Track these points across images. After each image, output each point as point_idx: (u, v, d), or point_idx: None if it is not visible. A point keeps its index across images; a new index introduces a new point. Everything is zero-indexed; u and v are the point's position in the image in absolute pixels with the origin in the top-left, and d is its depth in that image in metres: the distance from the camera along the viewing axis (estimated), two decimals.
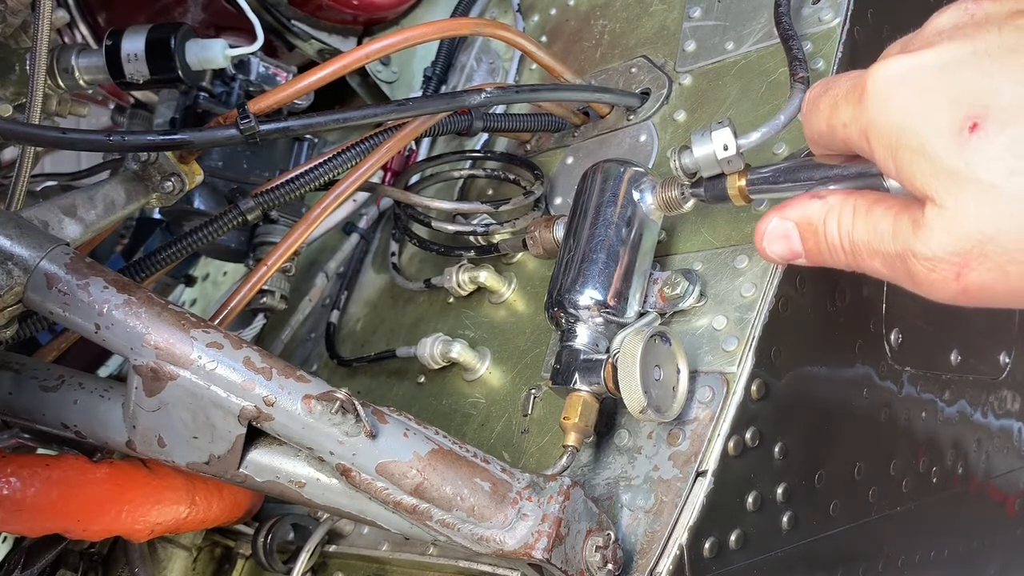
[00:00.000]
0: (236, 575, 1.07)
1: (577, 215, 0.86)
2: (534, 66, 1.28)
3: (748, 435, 0.78)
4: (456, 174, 1.20)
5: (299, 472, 0.75)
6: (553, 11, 1.31)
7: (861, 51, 0.91)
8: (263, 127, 0.88)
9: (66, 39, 1.37)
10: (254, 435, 0.74)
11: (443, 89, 1.30)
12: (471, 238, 1.06)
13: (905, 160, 0.52)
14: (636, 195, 0.84)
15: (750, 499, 0.78)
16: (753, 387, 0.78)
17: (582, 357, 0.80)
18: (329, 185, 1.01)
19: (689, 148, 0.75)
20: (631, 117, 1.06)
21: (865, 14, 0.92)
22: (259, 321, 1.20)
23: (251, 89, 1.25)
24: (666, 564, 0.73)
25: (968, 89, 0.50)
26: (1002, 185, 0.48)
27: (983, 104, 0.49)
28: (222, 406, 0.70)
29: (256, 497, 1.00)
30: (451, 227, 1.06)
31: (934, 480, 1.02)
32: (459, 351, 1.00)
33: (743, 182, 0.74)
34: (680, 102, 1.02)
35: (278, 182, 1.00)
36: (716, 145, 0.73)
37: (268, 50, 1.32)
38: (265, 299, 1.19)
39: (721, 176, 0.75)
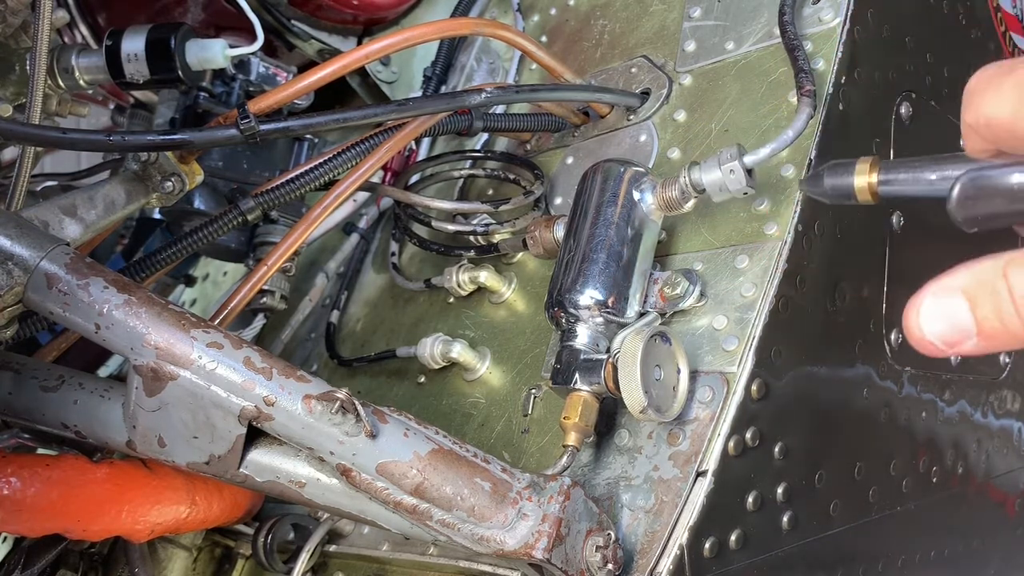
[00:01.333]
0: (236, 575, 1.07)
1: (577, 215, 0.86)
2: (534, 66, 1.28)
3: (748, 435, 0.78)
4: (456, 174, 1.20)
5: (299, 472, 0.75)
6: (553, 11, 1.31)
7: (861, 51, 0.91)
8: (263, 127, 0.88)
9: (66, 39, 1.37)
10: (254, 435, 0.74)
11: (443, 89, 1.30)
12: (471, 238, 1.06)
13: None
14: (636, 195, 0.84)
15: (750, 499, 0.78)
16: (753, 387, 0.78)
17: (582, 357, 0.80)
18: (329, 185, 1.01)
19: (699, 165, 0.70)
20: (631, 117, 1.06)
21: (865, 14, 0.92)
22: (259, 321, 1.20)
23: (251, 89, 1.25)
24: (666, 564, 0.73)
25: None
26: None
27: None
28: (222, 406, 0.70)
29: (256, 497, 1.00)
30: (451, 227, 1.06)
31: (934, 480, 1.02)
32: (459, 351, 1.00)
33: (874, 178, 0.56)
34: (680, 102, 1.02)
35: (278, 182, 1.00)
36: (724, 173, 0.69)
37: (268, 50, 1.32)
38: (265, 299, 1.19)
39: (847, 167, 0.58)
